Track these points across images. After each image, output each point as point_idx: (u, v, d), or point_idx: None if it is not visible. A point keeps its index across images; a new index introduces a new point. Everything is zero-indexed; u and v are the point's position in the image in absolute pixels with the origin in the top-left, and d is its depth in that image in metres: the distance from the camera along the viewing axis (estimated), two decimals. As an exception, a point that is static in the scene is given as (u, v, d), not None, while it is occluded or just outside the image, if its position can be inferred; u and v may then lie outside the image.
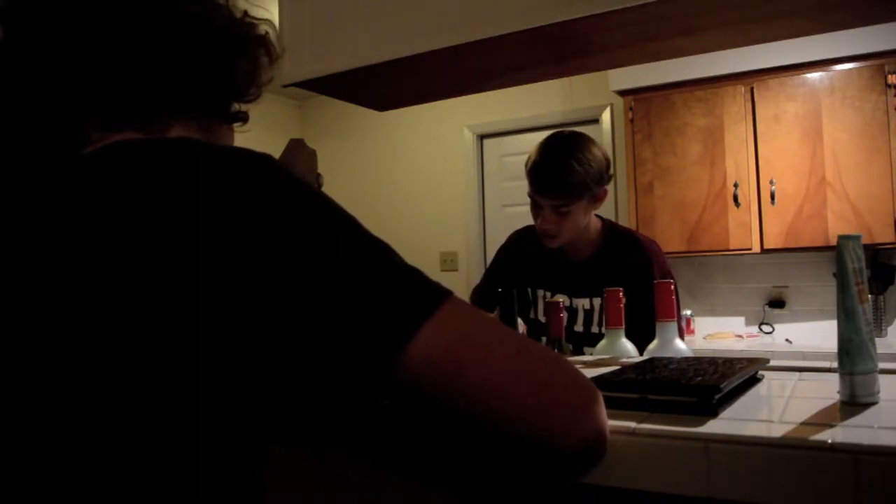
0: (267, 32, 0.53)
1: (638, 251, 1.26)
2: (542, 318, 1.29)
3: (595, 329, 1.26)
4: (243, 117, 0.54)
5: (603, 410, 0.43)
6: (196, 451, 0.37)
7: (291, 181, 0.41)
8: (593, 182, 1.19)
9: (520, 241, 1.37)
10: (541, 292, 1.30)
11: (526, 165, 1.24)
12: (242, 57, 0.51)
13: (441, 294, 0.40)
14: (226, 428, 0.38)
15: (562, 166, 1.17)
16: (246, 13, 0.52)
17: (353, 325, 0.37)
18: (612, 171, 1.25)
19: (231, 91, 0.51)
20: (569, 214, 1.20)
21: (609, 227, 1.31)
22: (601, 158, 1.21)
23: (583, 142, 1.22)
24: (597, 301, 1.25)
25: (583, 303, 1.26)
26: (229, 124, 0.53)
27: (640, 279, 1.13)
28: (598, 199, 1.23)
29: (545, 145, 1.23)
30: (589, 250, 1.28)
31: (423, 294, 0.40)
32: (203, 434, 0.37)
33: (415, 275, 0.41)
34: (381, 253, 0.40)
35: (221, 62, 0.49)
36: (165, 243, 0.37)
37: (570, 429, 0.40)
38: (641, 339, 0.92)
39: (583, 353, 1.19)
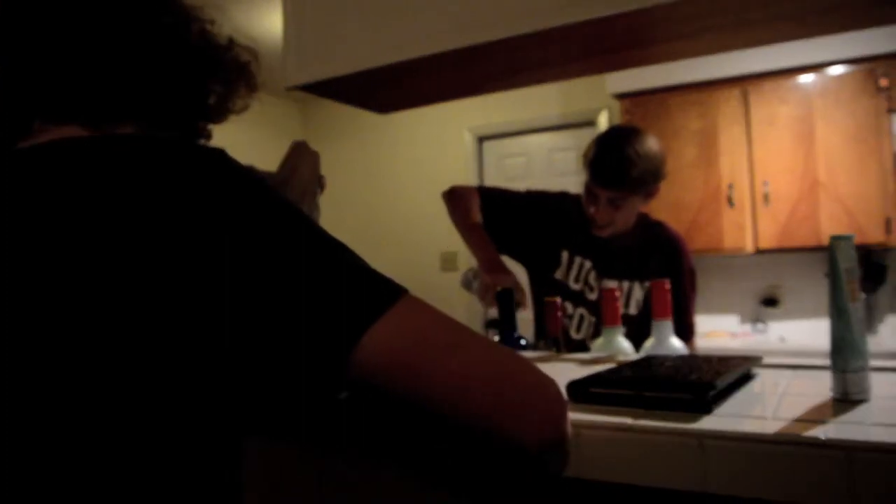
0: (249, 62, 0.53)
1: (669, 244, 1.31)
2: (572, 284, 1.30)
3: (622, 310, 1.27)
4: (207, 136, 0.53)
5: (567, 413, 0.42)
6: (157, 447, 0.36)
7: (245, 177, 0.40)
8: (651, 177, 1.21)
9: (563, 204, 1.36)
10: (578, 258, 1.31)
11: (585, 156, 1.25)
12: (214, 78, 0.50)
13: (394, 292, 0.39)
14: (188, 424, 0.37)
15: (624, 160, 1.18)
16: (231, 39, 0.52)
17: (304, 323, 0.37)
18: (667, 167, 1.26)
19: (196, 109, 0.51)
20: (623, 207, 1.22)
21: (642, 215, 1.34)
22: (660, 154, 1.22)
23: (643, 136, 1.23)
24: (626, 284, 1.28)
25: (611, 284, 1.28)
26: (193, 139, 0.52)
27: (670, 270, 1.20)
28: (651, 194, 1.26)
29: (606, 137, 1.24)
30: (623, 236, 1.30)
31: (376, 291, 0.39)
32: (158, 430, 0.36)
33: (369, 273, 0.40)
34: (335, 251, 0.40)
35: (188, 78, 0.49)
36: (113, 239, 0.36)
37: (532, 432, 0.39)
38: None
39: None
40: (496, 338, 1.12)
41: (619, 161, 1.18)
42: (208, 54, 0.50)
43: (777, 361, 0.75)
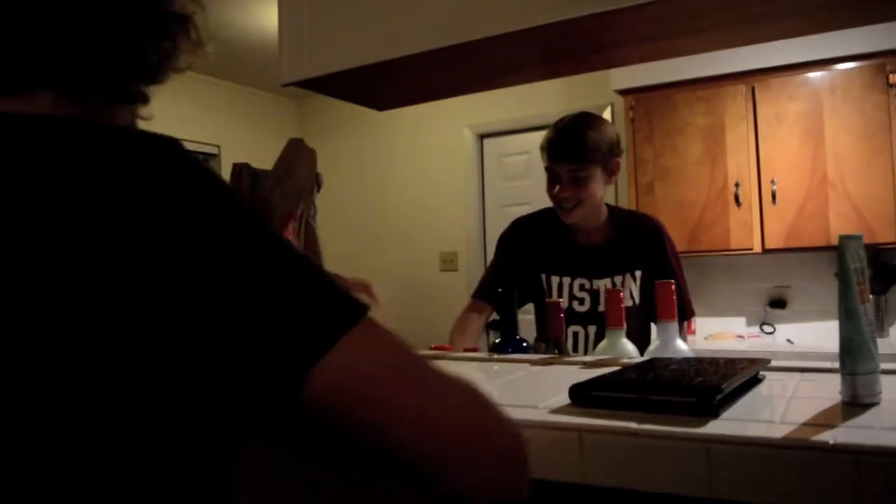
0: (194, 13, 0.46)
1: (647, 229, 1.33)
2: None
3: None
4: (143, 98, 0.45)
5: (527, 463, 0.39)
6: (130, 450, 0.35)
7: (202, 173, 0.37)
8: (606, 149, 1.25)
9: (525, 229, 1.38)
10: (555, 279, 1.30)
11: (542, 147, 1.30)
12: (152, 33, 0.44)
13: (350, 314, 0.37)
14: (162, 428, 0.36)
15: (578, 130, 1.25)
16: None
17: (253, 347, 0.35)
18: (622, 146, 1.31)
19: (131, 68, 0.43)
20: (586, 182, 1.24)
21: (613, 209, 1.37)
22: (612, 131, 1.29)
23: (594, 116, 1.32)
24: (618, 279, 1.28)
25: (604, 283, 1.28)
26: (127, 105, 0.45)
27: (656, 254, 1.26)
28: (612, 172, 1.28)
29: (558, 120, 1.31)
30: (600, 232, 1.31)
31: (329, 315, 0.36)
32: (129, 434, 0.35)
33: (323, 292, 0.37)
34: (289, 264, 0.37)
35: (122, 31, 0.42)
36: (56, 238, 0.34)
37: (480, 482, 0.37)
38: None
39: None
40: (498, 339, 1.11)
41: (573, 133, 1.25)
42: (144, 5, 0.43)
43: (785, 364, 0.73)
